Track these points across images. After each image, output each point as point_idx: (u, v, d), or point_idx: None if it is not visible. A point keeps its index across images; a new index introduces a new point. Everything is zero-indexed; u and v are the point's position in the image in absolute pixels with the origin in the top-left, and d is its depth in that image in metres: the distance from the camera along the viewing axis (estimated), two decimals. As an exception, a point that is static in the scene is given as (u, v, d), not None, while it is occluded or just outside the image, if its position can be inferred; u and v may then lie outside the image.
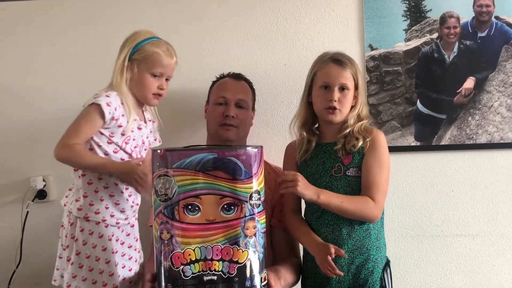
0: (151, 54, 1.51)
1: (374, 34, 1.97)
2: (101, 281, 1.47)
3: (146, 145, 1.60)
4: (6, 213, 2.05)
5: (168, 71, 1.56)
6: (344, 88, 1.51)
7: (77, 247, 1.47)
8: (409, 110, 1.97)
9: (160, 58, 1.52)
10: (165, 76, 1.55)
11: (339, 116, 1.52)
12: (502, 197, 1.98)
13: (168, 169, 1.16)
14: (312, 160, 1.57)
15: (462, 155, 1.98)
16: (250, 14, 2.01)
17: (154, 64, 1.52)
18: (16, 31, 2.03)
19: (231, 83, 1.82)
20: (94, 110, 1.45)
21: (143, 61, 1.52)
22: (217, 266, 1.17)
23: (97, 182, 1.48)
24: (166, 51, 1.54)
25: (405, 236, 2.01)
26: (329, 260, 1.39)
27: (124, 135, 1.50)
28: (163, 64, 1.53)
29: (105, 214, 1.48)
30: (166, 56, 1.53)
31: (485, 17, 1.93)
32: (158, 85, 1.54)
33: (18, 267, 1.99)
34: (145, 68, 1.52)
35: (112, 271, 1.47)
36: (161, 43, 1.55)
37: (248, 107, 1.80)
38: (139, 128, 1.56)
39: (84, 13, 2.01)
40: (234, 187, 1.16)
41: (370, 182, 1.48)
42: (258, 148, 1.18)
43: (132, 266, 1.54)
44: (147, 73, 1.52)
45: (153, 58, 1.52)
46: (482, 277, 2.00)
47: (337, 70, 1.52)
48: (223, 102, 1.76)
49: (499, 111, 1.95)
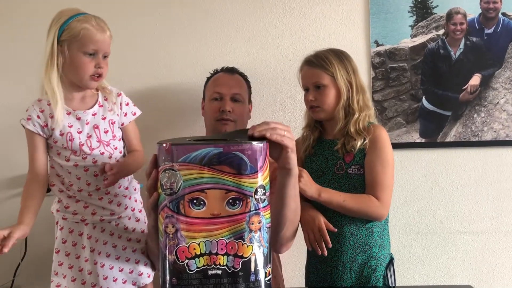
0: (80, 30, 1.38)
1: (380, 30, 1.96)
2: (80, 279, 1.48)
3: (103, 127, 1.47)
4: (11, 206, 2.06)
5: (103, 46, 1.42)
6: (320, 86, 1.52)
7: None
8: (415, 107, 1.97)
9: (91, 33, 1.39)
10: (100, 53, 1.42)
11: (322, 113, 1.54)
12: (507, 194, 1.98)
13: (174, 163, 1.16)
14: (316, 156, 1.57)
15: (467, 152, 1.97)
16: (255, 10, 2.01)
17: (85, 42, 1.39)
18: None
19: (225, 78, 1.81)
20: (26, 134, 1.45)
21: (73, 41, 1.39)
22: (221, 260, 1.16)
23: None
24: (97, 26, 1.40)
25: (409, 233, 2.01)
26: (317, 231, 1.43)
27: (63, 134, 1.43)
28: (95, 39, 1.39)
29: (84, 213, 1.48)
30: (97, 31, 1.40)
31: (492, 14, 1.92)
32: (95, 64, 1.41)
33: (23, 259, 2.01)
34: (77, 48, 1.39)
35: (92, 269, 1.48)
36: (89, 17, 1.41)
37: (243, 101, 1.79)
38: (78, 118, 1.44)
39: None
40: (239, 181, 1.16)
41: (374, 181, 1.48)
42: (263, 143, 1.17)
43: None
44: (79, 53, 1.39)
45: (83, 35, 1.38)
46: (486, 274, 2.00)
47: (308, 71, 1.56)
48: (218, 98, 1.76)
49: (505, 108, 1.94)
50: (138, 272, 1.54)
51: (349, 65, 1.54)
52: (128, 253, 1.53)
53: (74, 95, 1.47)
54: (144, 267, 1.55)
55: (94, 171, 1.45)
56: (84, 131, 1.45)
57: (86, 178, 1.46)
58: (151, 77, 2.03)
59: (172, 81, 2.00)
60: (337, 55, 1.54)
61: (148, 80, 2.02)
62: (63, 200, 1.49)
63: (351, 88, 1.52)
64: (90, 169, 1.45)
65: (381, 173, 1.48)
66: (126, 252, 1.53)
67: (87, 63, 1.41)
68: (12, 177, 2.09)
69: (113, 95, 1.52)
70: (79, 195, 1.47)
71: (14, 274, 2.01)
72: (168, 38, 2.02)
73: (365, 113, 1.53)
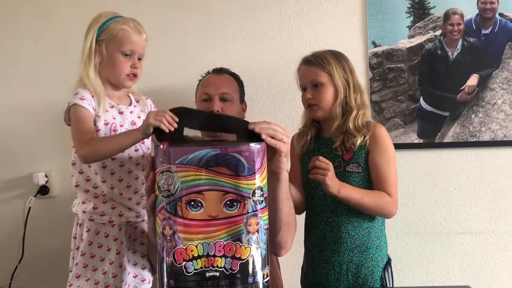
0: (118, 31, 1.44)
1: (377, 31, 1.96)
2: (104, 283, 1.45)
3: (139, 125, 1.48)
4: (8, 208, 2.06)
5: (139, 48, 1.47)
6: (317, 84, 1.53)
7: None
8: (412, 107, 1.97)
9: (129, 34, 1.44)
10: (136, 54, 1.47)
11: (320, 111, 1.54)
12: (505, 195, 1.98)
13: (171, 165, 1.16)
14: (313, 153, 1.56)
15: (465, 153, 1.97)
16: (253, 10, 2.00)
17: (123, 42, 1.44)
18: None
19: (213, 79, 1.80)
20: (76, 110, 1.41)
21: (111, 41, 1.44)
22: (219, 262, 1.16)
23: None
24: (134, 28, 1.46)
25: (407, 233, 2.00)
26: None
27: (108, 124, 1.44)
28: (132, 40, 1.45)
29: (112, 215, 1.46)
30: (135, 33, 1.46)
31: (489, 14, 1.92)
32: (131, 64, 1.46)
33: (20, 262, 2.00)
34: (115, 48, 1.45)
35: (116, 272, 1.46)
36: (127, 20, 1.47)
37: (233, 99, 1.76)
38: (121, 112, 1.49)
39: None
40: (237, 183, 1.16)
41: (382, 179, 1.48)
42: (261, 144, 1.17)
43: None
44: (117, 53, 1.45)
45: (121, 35, 1.44)
46: (484, 275, 2.00)
47: (306, 70, 1.57)
48: (207, 98, 1.74)
49: (503, 108, 1.94)
50: (142, 278, 1.53)
51: (346, 65, 1.55)
52: (137, 258, 1.53)
53: (112, 93, 1.50)
54: (147, 273, 1.55)
55: (128, 168, 1.47)
56: (124, 126, 1.47)
57: (120, 174, 1.46)
58: (148, 78, 2.01)
59: (168, 82, 2.00)
60: (334, 55, 1.56)
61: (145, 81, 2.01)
62: (91, 200, 1.47)
63: (348, 87, 1.53)
64: (125, 165, 1.46)
65: (387, 170, 1.48)
66: (135, 255, 1.52)
67: (124, 63, 1.45)
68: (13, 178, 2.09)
69: (142, 98, 1.58)
70: (110, 193, 1.45)
71: (12, 277, 2.00)
72: (164, 38, 2.01)
73: (363, 111, 1.54)
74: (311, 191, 1.56)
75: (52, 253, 2.02)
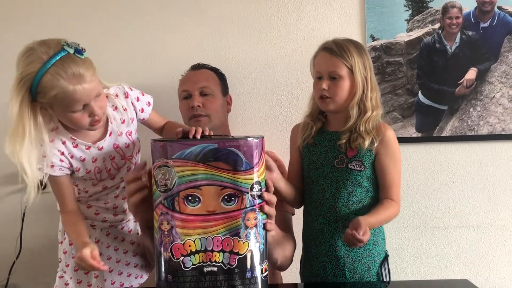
0: (56, 93, 1.18)
1: (376, 25, 1.95)
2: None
3: (124, 142, 1.42)
4: (5, 204, 2.05)
5: (88, 97, 1.23)
6: (335, 77, 1.45)
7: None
8: (411, 101, 1.96)
9: (70, 93, 1.19)
10: (88, 102, 1.24)
11: (332, 104, 1.47)
12: (503, 188, 1.98)
13: (168, 159, 1.15)
14: (315, 146, 1.53)
15: (463, 147, 1.97)
16: (250, 4, 1.99)
17: (68, 103, 1.21)
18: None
19: (190, 75, 1.80)
20: (51, 180, 1.35)
21: (54, 104, 1.22)
22: (217, 257, 1.16)
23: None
24: (72, 79, 1.18)
25: (406, 227, 2.01)
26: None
27: (90, 171, 1.37)
28: (77, 98, 1.20)
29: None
30: (75, 85, 1.18)
31: (487, 7, 1.91)
32: (88, 115, 1.26)
33: (18, 257, 2.00)
34: (62, 110, 1.23)
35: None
36: (60, 68, 1.17)
37: (213, 93, 1.75)
38: (100, 148, 1.37)
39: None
40: (235, 178, 1.15)
41: (390, 183, 1.47)
42: (259, 139, 1.17)
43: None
44: (67, 113, 1.24)
45: (62, 98, 1.19)
46: (482, 268, 2.00)
47: (326, 58, 1.47)
48: (187, 95, 1.74)
49: (501, 102, 1.94)
50: (135, 275, 1.53)
51: (367, 61, 1.48)
52: (129, 257, 1.53)
53: (84, 132, 1.35)
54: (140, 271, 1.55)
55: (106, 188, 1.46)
56: (107, 158, 1.39)
57: (99, 196, 1.46)
58: (146, 74, 2.01)
59: (166, 78, 1.99)
60: (357, 48, 1.48)
61: (143, 76, 2.00)
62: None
63: (366, 84, 1.47)
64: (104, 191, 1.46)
65: (394, 173, 1.47)
66: (126, 255, 1.52)
67: (80, 118, 1.26)
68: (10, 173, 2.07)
69: (120, 99, 1.41)
70: (94, 198, 1.45)
71: (9, 272, 2.00)
72: (162, 34, 2.00)
73: (377, 112, 1.48)
74: (310, 185, 1.54)
75: (49, 248, 2.01)
